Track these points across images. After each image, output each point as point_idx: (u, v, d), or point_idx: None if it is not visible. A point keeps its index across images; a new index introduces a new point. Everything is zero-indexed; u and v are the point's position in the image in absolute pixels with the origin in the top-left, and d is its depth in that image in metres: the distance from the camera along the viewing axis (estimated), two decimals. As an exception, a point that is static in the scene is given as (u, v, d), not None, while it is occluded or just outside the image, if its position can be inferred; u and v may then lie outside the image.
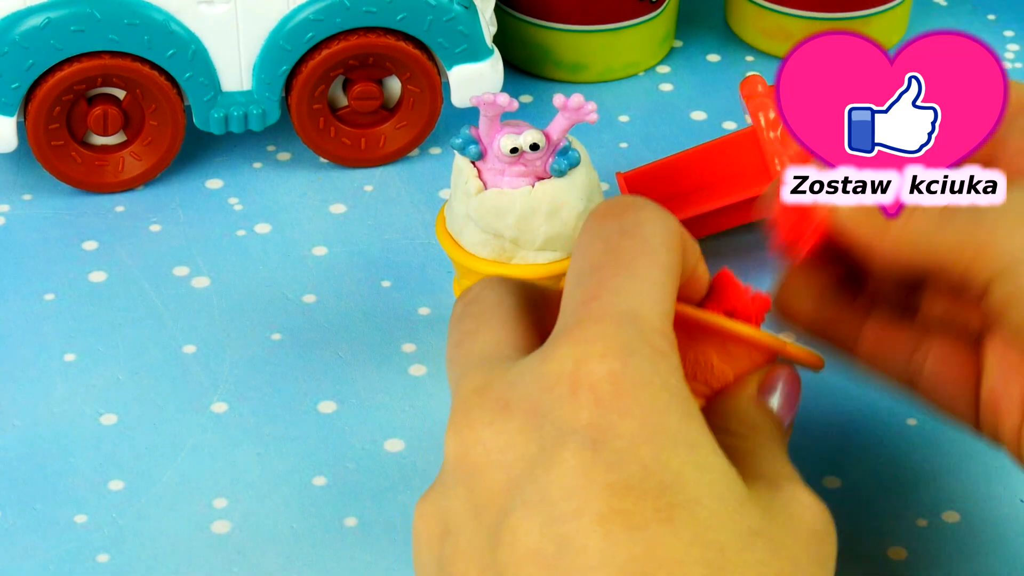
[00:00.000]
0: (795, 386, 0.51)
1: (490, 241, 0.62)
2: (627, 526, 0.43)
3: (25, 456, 0.61)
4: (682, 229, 0.48)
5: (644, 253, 0.47)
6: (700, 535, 0.44)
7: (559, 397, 0.45)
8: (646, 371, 0.45)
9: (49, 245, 0.70)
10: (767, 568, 0.44)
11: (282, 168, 0.74)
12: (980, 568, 0.57)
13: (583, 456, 0.44)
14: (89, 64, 0.69)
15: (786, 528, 0.46)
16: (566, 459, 0.44)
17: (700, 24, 0.84)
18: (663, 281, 0.47)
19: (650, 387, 0.45)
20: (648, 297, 0.46)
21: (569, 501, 0.44)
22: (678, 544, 0.43)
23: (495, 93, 0.60)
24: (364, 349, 0.65)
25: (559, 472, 0.44)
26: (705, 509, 0.44)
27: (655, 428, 0.45)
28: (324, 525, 0.58)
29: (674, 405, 0.45)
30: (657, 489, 0.44)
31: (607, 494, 0.44)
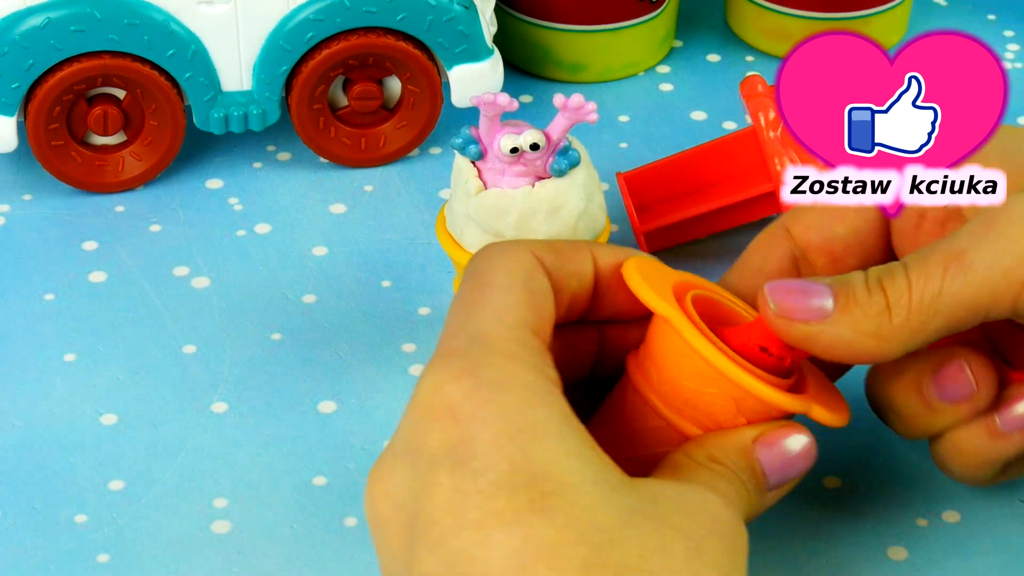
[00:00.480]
0: (801, 456, 0.51)
1: (490, 241, 0.62)
2: (502, 524, 0.45)
3: (25, 456, 0.61)
4: (529, 255, 0.51)
5: (484, 285, 0.50)
6: (576, 517, 0.45)
7: (426, 428, 0.47)
8: (501, 377, 0.47)
9: (49, 245, 0.70)
10: (650, 540, 0.45)
11: (282, 168, 0.74)
12: (980, 568, 0.57)
13: (453, 474, 0.46)
14: (89, 64, 0.69)
15: (676, 508, 0.47)
16: (440, 482, 0.46)
17: (700, 24, 0.84)
18: (505, 301, 0.49)
19: (508, 391, 0.47)
20: (491, 318, 0.49)
21: (448, 519, 0.45)
22: (553, 530, 0.44)
23: (495, 93, 0.60)
24: (364, 349, 0.65)
25: (437, 496, 0.46)
26: (578, 493, 0.45)
27: (517, 426, 0.46)
28: (324, 525, 0.58)
29: (536, 400, 0.46)
30: (527, 482, 0.45)
31: (480, 499, 0.45)
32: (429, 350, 0.65)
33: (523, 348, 0.48)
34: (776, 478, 0.51)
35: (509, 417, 0.46)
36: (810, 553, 0.58)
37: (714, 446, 0.51)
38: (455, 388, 0.47)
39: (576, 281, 0.52)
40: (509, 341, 0.48)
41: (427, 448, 0.47)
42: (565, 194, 0.61)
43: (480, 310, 0.49)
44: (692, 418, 0.51)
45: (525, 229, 0.61)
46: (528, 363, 0.48)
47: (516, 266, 0.50)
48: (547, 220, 0.61)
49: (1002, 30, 0.84)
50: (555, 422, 0.46)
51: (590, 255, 0.52)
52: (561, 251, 0.52)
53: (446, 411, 0.47)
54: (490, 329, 0.48)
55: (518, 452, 0.45)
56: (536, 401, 0.47)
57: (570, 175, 0.61)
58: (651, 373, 0.52)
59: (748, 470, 0.50)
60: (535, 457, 0.45)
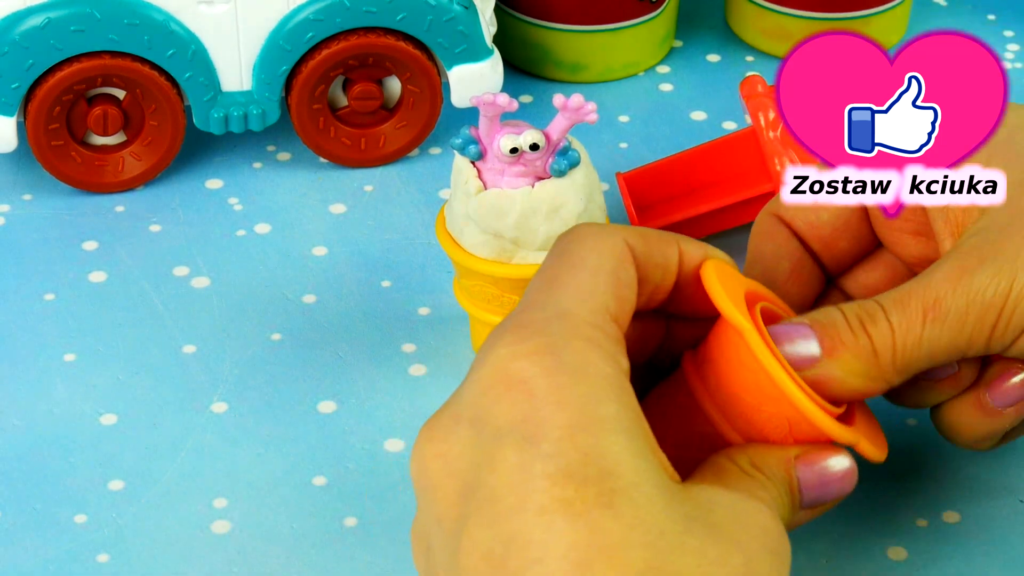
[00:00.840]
0: (840, 479, 0.51)
1: (490, 241, 0.62)
2: (568, 514, 0.44)
3: (25, 456, 0.61)
4: (622, 241, 0.50)
5: (572, 265, 0.49)
6: (640, 518, 0.44)
7: (495, 398, 0.46)
8: (580, 362, 0.46)
9: (49, 245, 0.70)
10: (709, 549, 0.45)
11: (282, 168, 0.74)
12: (980, 568, 0.57)
13: (521, 452, 0.45)
14: (89, 64, 0.69)
15: (730, 518, 0.46)
16: (506, 457, 0.45)
17: (700, 24, 0.84)
18: (592, 283, 0.48)
19: (585, 377, 0.46)
20: (575, 298, 0.48)
21: (511, 497, 0.44)
22: (618, 528, 0.44)
23: (495, 93, 0.60)
24: (364, 349, 0.65)
25: (501, 471, 0.45)
26: (644, 495, 0.45)
27: (592, 416, 0.45)
28: (324, 525, 0.58)
29: (611, 393, 0.46)
30: (597, 475, 0.44)
31: (547, 484, 0.44)
32: (429, 350, 0.65)
33: (603, 335, 0.47)
34: (812, 497, 0.51)
35: (583, 406, 0.45)
36: (810, 553, 0.58)
37: (756, 454, 0.50)
38: (532, 363, 0.46)
39: (660, 273, 0.51)
40: (590, 326, 0.47)
41: (495, 418, 0.46)
42: (565, 194, 0.61)
43: (564, 289, 0.48)
44: (742, 431, 0.51)
45: (525, 229, 0.61)
46: (606, 352, 0.47)
47: (608, 251, 0.49)
48: (547, 220, 0.61)
49: (1002, 30, 0.84)
50: (626, 419, 0.46)
51: (677, 248, 0.52)
52: (650, 241, 0.51)
53: (520, 385, 0.46)
54: (573, 308, 0.48)
55: (591, 443, 0.45)
56: (612, 395, 0.46)
57: (570, 175, 0.61)
58: (710, 379, 0.52)
59: (786, 484, 0.50)
60: (606, 452, 0.45)
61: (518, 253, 0.62)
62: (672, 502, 0.45)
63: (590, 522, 0.44)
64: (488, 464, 0.45)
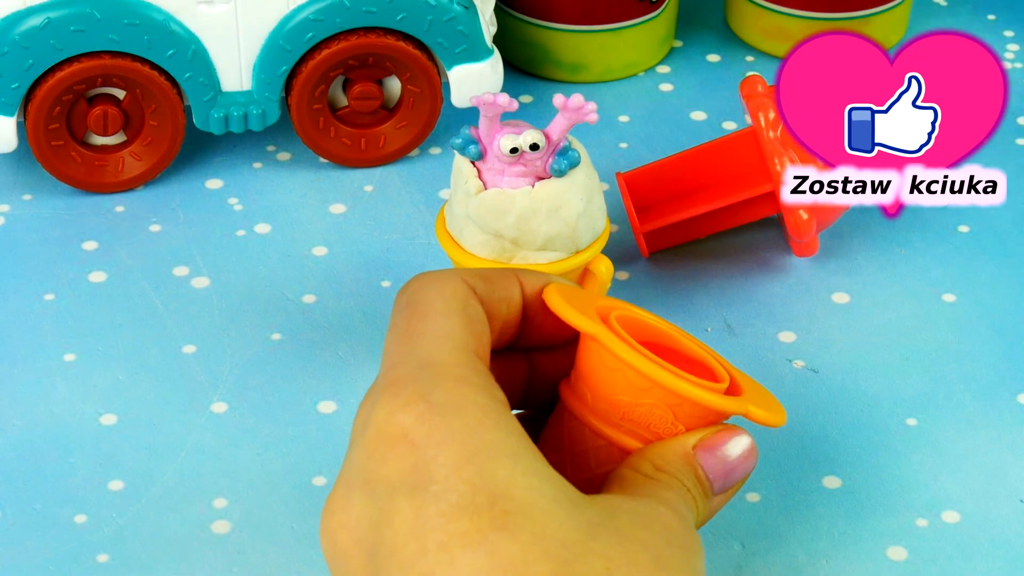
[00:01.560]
0: (743, 459, 0.52)
1: (490, 241, 0.62)
2: (467, 544, 0.45)
3: (25, 456, 0.61)
4: (462, 282, 0.51)
5: (422, 314, 0.50)
6: (539, 534, 0.45)
7: (381, 457, 0.47)
8: (453, 400, 0.47)
9: (49, 245, 0.70)
10: (615, 552, 0.45)
11: (282, 168, 0.74)
12: (980, 568, 0.57)
13: (413, 499, 0.46)
14: (89, 64, 0.69)
15: (634, 521, 0.47)
16: (400, 509, 0.46)
17: (700, 24, 0.84)
18: (446, 325, 0.49)
19: (460, 413, 0.47)
20: (434, 343, 0.49)
21: (412, 544, 0.45)
22: (517, 547, 0.45)
23: (495, 93, 0.60)
24: (364, 349, 0.65)
25: (398, 523, 0.46)
26: (539, 510, 0.45)
27: (474, 448, 0.46)
28: (324, 525, 0.58)
29: (488, 421, 0.47)
30: (488, 501, 0.45)
31: (442, 522, 0.45)
32: (429, 350, 0.65)
33: (471, 371, 0.48)
34: (720, 483, 0.51)
35: (464, 439, 0.46)
36: (810, 553, 0.58)
37: (657, 456, 0.51)
38: (407, 414, 0.47)
39: (506, 307, 0.52)
40: (456, 365, 0.48)
41: (384, 477, 0.47)
42: (565, 194, 0.61)
43: (421, 337, 0.49)
44: (631, 432, 0.52)
45: (525, 229, 0.61)
46: (477, 385, 0.48)
47: (451, 293, 0.50)
48: (547, 220, 0.61)
49: (1002, 30, 0.84)
50: (511, 442, 0.47)
51: (516, 281, 0.53)
52: (490, 278, 0.52)
53: (401, 438, 0.47)
54: (435, 354, 0.49)
55: (476, 473, 0.46)
56: (490, 423, 0.47)
57: (570, 175, 0.61)
58: (585, 394, 0.52)
59: (692, 477, 0.51)
60: (494, 477, 0.46)
61: (518, 253, 0.62)
62: (573, 512, 0.46)
63: (488, 547, 0.45)
64: (385, 520, 0.46)
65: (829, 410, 0.63)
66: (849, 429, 0.62)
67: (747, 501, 0.59)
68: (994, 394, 0.63)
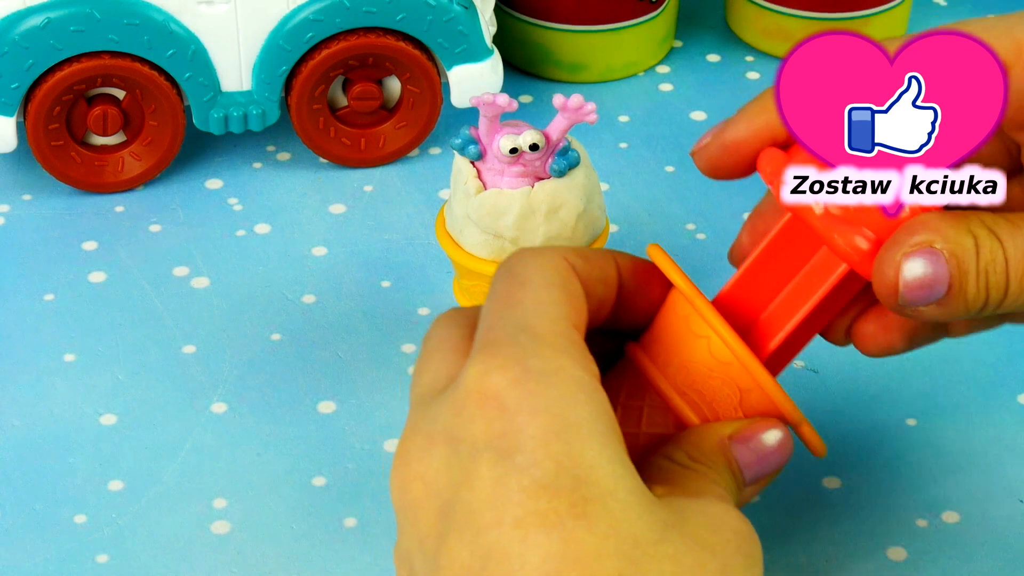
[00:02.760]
0: (776, 452, 0.51)
1: (490, 241, 0.62)
2: (543, 526, 0.44)
3: (25, 456, 0.61)
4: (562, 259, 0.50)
5: (522, 284, 0.49)
6: (614, 527, 0.45)
7: (469, 416, 0.46)
8: (549, 368, 0.46)
9: (49, 245, 0.70)
10: (685, 557, 0.45)
11: (282, 168, 0.74)
12: (980, 568, 0.57)
13: (496, 466, 0.45)
14: (89, 64, 0.69)
15: (704, 524, 0.47)
16: (482, 473, 0.45)
17: (700, 24, 0.84)
18: (548, 296, 0.49)
19: (556, 384, 0.46)
20: (534, 311, 0.48)
21: (488, 513, 0.45)
22: (592, 538, 0.44)
23: (495, 93, 0.60)
24: (364, 349, 0.65)
25: (478, 487, 0.45)
26: (619, 502, 0.45)
27: (564, 422, 0.45)
28: (324, 525, 0.58)
29: (582, 396, 0.46)
30: (571, 484, 0.45)
31: (522, 497, 0.45)
32: (429, 350, 0.65)
33: (568, 342, 0.47)
34: (752, 473, 0.51)
35: (557, 411, 0.45)
36: (810, 553, 0.58)
37: (691, 445, 0.51)
38: (502, 377, 0.46)
39: (603, 287, 0.51)
40: (555, 334, 0.47)
41: (470, 436, 0.46)
42: (564, 195, 0.61)
43: (521, 305, 0.48)
44: (692, 403, 0.51)
45: (524, 229, 0.61)
46: (575, 357, 0.47)
47: (552, 267, 0.50)
48: (546, 220, 0.61)
49: (1002, 30, 0.83)
50: (600, 422, 0.46)
51: (613, 261, 0.52)
52: (588, 257, 0.51)
53: (492, 400, 0.46)
54: (535, 321, 0.48)
55: (564, 451, 0.45)
56: (583, 397, 0.46)
57: (569, 176, 0.61)
58: (658, 354, 0.52)
59: (726, 468, 0.50)
60: (580, 458, 0.45)
61: (518, 253, 0.62)
62: (650, 508, 0.46)
63: (564, 533, 0.44)
64: (466, 481, 0.46)
65: (829, 410, 0.63)
66: (849, 429, 0.62)
67: (747, 501, 0.59)
68: (994, 394, 0.63)
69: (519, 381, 0.46)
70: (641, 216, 0.72)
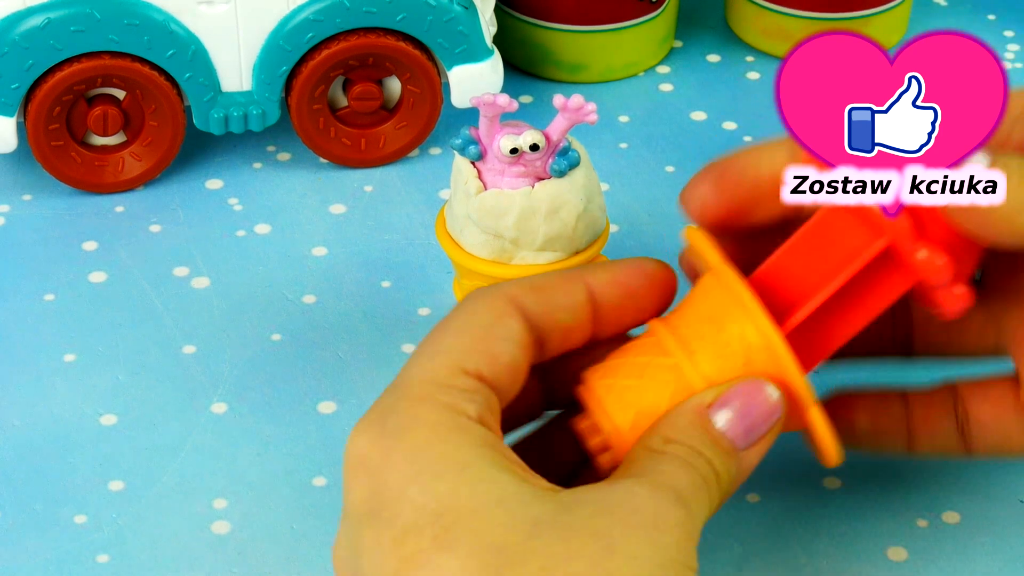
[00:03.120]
0: (764, 406, 0.51)
1: (490, 241, 0.62)
2: (413, 567, 0.45)
3: (25, 456, 0.61)
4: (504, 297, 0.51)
5: (442, 329, 0.50)
6: (477, 543, 0.45)
7: (348, 487, 0.48)
8: (404, 422, 0.47)
9: (49, 245, 0.70)
10: (556, 546, 0.45)
11: (282, 168, 0.74)
12: (980, 568, 0.57)
13: (372, 528, 0.47)
14: (89, 64, 0.69)
15: (593, 510, 0.46)
16: (365, 539, 0.47)
17: (700, 24, 0.84)
18: (448, 343, 0.49)
19: (409, 434, 0.47)
20: (424, 361, 0.49)
21: (374, 573, 0.46)
22: (456, 562, 0.45)
23: (495, 93, 0.60)
24: (364, 349, 0.65)
25: (365, 553, 0.47)
26: (479, 517, 0.45)
27: (419, 467, 0.47)
28: (324, 525, 0.58)
29: (437, 437, 0.47)
30: (431, 519, 0.46)
31: (394, 548, 0.46)
32: (429, 350, 0.65)
33: (438, 388, 0.48)
34: (743, 437, 0.50)
35: (414, 459, 0.47)
36: (810, 553, 0.58)
37: (668, 426, 0.50)
38: (365, 439, 0.48)
39: (566, 314, 0.52)
40: (425, 383, 0.49)
41: (352, 505, 0.48)
42: (565, 195, 0.61)
43: (419, 356, 0.50)
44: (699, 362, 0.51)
45: (524, 229, 0.61)
46: (438, 402, 0.48)
47: (483, 308, 0.51)
48: (546, 221, 0.61)
49: (1002, 30, 0.84)
50: (461, 453, 0.47)
51: (582, 285, 0.52)
52: (546, 288, 0.52)
53: (361, 465, 0.48)
54: (413, 373, 0.49)
55: (419, 492, 0.46)
56: (438, 438, 0.47)
57: (570, 176, 0.61)
58: (673, 318, 0.52)
59: (706, 439, 0.50)
60: (437, 493, 0.46)
61: (518, 253, 0.62)
62: (518, 512, 0.46)
63: (432, 569, 0.45)
64: (358, 552, 0.47)
65: (829, 410, 0.63)
66: (849, 429, 0.62)
67: (747, 501, 0.59)
68: (994, 394, 0.63)
69: (376, 440, 0.48)
70: (641, 216, 0.72)
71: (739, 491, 0.59)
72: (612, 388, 0.51)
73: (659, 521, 0.47)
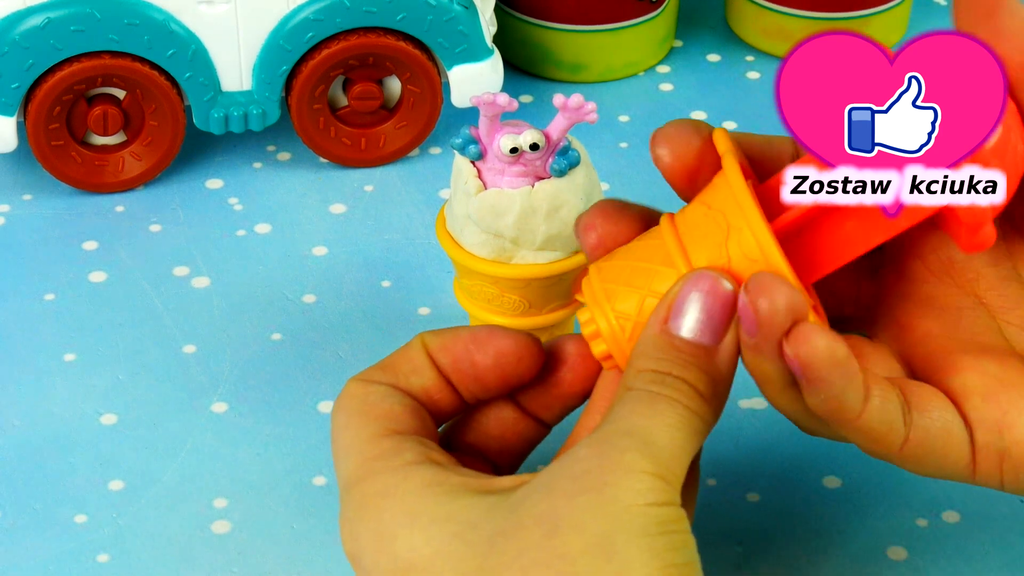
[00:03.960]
0: (718, 300, 0.49)
1: (490, 241, 0.62)
2: None
3: (25, 456, 0.61)
4: (358, 384, 0.53)
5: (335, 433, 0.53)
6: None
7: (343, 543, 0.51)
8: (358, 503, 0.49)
9: (49, 245, 0.70)
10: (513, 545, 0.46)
11: (282, 168, 0.74)
12: (980, 568, 0.57)
13: None
14: (89, 64, 0.69)
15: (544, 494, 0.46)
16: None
17: (700, 24, 0.84)
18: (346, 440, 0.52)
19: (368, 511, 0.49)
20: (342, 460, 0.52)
21: None
22: None
23: (495, 93, 0.60)
24: (364, 349, 0.65)
25: None
26: (439, 558, 0.47)
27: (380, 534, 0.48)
28: (324, 525, 0.58)
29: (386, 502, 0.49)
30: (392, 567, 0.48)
31: None
32: (429, 350, 0.65)
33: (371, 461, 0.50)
34: (711, 337, 0.49)
35: (375, 530, 0.48)
36: (810, 553, 0.58)
37: (637, 355, 0.49)
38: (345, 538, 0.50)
39: (416, 377, 0.53)
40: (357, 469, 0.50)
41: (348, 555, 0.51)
42: (565, 194, 0.61)
43: (335, 459, 0.52)
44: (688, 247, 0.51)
45: (524, 229, 0.61)
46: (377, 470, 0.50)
47: (345, 404, 0.52)
48: (546, 220, 0.61)
49: (1002, 30, 0.83)
50: (406, 503, 0.48)
51: (420, 348, 0.54)
52: (385, 365, 0.53)
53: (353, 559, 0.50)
54: (342, 469, 0.51)
55: (387, 558, 0.48)
56: (387, 503, 0.48)
57: (570, 175, 0.61)
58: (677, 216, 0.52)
59: (674, 358, 0.49)
60: (396, 554, 0.48)
61: (518, 253, 0.62)
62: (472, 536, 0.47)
63: None
64: None
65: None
66: (849, 429, 0.62)
67: (747, 501, 0.59)
68: (994, 394, 0.63)
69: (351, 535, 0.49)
70: (641, 216, 0.72)
71: (739, 491, 0.59)
72: (613, 294, 0.51)
73: (607, 478, 0.46)
